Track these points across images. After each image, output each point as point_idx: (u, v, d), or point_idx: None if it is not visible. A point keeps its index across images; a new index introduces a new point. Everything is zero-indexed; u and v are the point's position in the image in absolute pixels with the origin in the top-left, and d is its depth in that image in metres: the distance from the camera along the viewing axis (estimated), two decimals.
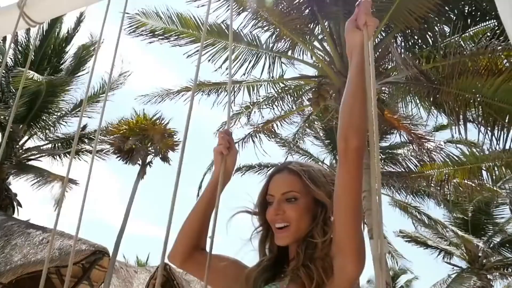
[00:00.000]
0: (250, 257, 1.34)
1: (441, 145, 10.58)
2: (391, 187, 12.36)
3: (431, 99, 7.91)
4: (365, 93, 1.07)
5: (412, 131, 10.60)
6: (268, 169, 12.07)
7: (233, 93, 10.21)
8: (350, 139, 1.05)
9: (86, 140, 14.53)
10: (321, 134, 13.14)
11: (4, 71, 13.84)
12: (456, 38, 8.04)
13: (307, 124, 11.91)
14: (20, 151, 14.02)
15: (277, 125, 11.33)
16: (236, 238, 1.35)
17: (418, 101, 8.60)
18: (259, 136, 11.32)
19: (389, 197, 13.55)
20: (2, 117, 12.17)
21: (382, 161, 12.67)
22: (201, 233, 1.36)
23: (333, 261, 1.13)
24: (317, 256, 1.16)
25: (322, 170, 1.33)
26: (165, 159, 12.59)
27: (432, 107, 8.16)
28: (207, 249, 1.30)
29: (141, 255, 30.10)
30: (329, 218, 1.21)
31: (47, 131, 14.19)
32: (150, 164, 12.42)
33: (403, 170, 11.88)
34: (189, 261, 1.36)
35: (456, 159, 9.87)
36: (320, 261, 1.15)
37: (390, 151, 12.64)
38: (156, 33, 9.58)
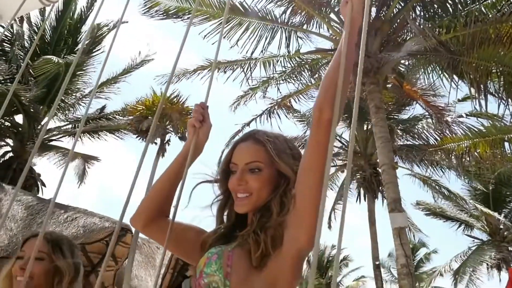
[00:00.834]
0: (208, 222, 1.35)
1: (462, 116, 10.38)
2: (411, 161, 12.23)
3: (452, 70, 7.72)
4: (349, 68, 1.06)
5: (432, 104, 10.40)
6: None
7: (249, 68, 10.14)
8: (325, 110, 1.06)
9: (104, 120, 14.71)
10: None
11: (22, 53, 14.00)
12: (478, 6, 7.78)
13: None
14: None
15: (295, 100, 11.25)
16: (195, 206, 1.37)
17: (440, 72, 8.41)
18: (277, 112, 11.28)
19: (408, 170, 13.41)
20: (22, 98, 12.35)
21: (401, 134, 12.51)
22: (166, 201, 1.37)
23: (285, 231, 1.13)
24: (270, 225, 1.16)
25: (288, 141, 1.32)
26: (183, 138, 12.67)
27: (454, 76, 7.97)
28: (170, 217, 1.33)
29: None
30: (290, 191, 1.20)
31: (67, 111, 14.38)
32: (169, 142, 12.50)
33: (422, 143, 11.72)
34: (151, 226, 1.37)
35: (477, 131, 9.69)
36: (271, 230, 1.15)
37: (410, 123, 12.45)
38: (170, 12, 9.51)
